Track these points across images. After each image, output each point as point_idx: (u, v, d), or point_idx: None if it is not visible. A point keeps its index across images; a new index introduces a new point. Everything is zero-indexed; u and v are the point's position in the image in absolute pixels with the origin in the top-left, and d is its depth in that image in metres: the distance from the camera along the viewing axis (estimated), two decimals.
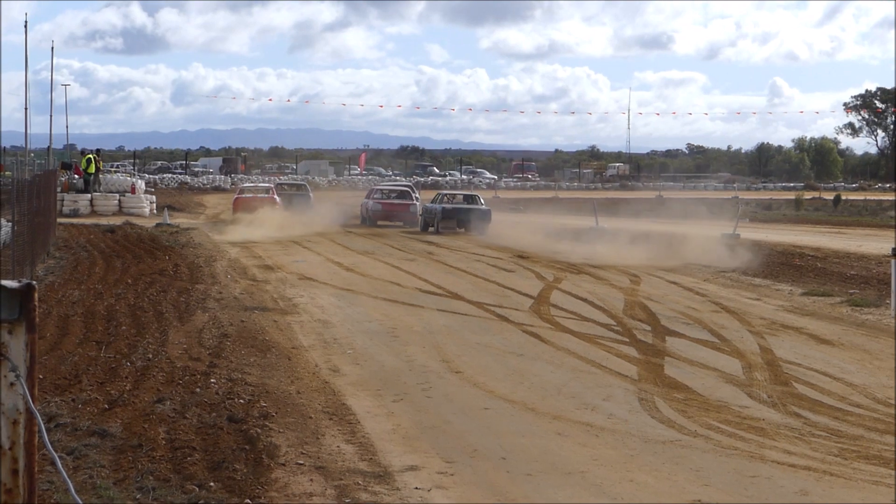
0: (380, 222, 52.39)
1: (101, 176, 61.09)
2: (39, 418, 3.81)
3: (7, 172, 73.86)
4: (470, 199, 51.54)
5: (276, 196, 54.84)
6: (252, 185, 65.66)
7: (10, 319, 3.89)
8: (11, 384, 3.88)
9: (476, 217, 47.80)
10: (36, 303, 3.92)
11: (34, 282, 3.96)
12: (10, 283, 3.89)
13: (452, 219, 48.50)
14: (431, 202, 51.55)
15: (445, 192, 56.03)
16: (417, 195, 56.73)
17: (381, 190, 58.03)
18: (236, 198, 55.76)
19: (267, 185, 62.40)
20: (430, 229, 48.91)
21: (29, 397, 3.84)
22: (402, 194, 55.58)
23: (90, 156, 60.74)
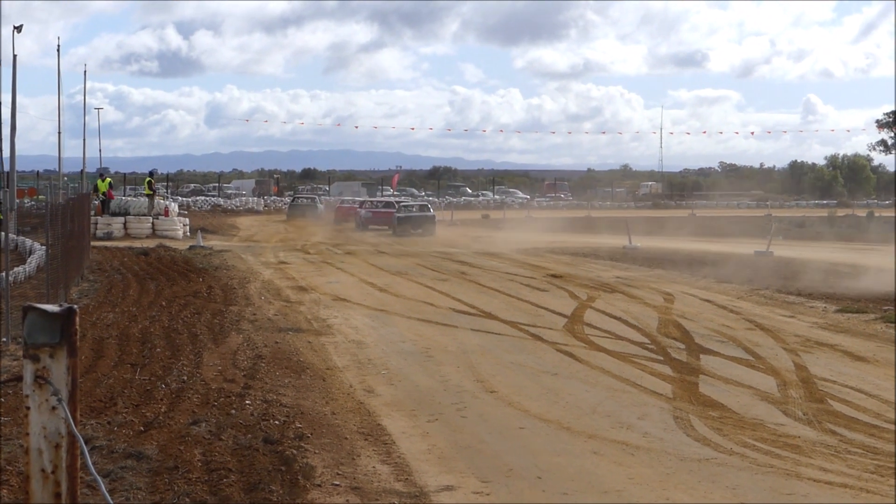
0: (370, 226, 66.30)
1: (156, 199, 61.46)
2: (82, 442, 3.84)
3: (41, 197, 74.47)
4: (421, 208, 65.34)
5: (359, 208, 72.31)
6: (350, 198, 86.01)
7: (51, 343, 3.92)
8: (53, 408, 3.91)
9: (425, 222, 61.23)
10: (77, 327, 3.96)
11: (75, 306, 3.99)
12: (51, 308, 3.93)
13: (407, 224, 61.36)
14: (395, 212, 64.45)
15: (403, 203, 69.79)
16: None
17: (371, 202, 73.76)
18: (338, 206, 78.18)
19: (357, 199, 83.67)
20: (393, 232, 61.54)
21: (71, 421, 3.87)
22: (388, 205, 69.68)
23: (109, 179, 62.54)
